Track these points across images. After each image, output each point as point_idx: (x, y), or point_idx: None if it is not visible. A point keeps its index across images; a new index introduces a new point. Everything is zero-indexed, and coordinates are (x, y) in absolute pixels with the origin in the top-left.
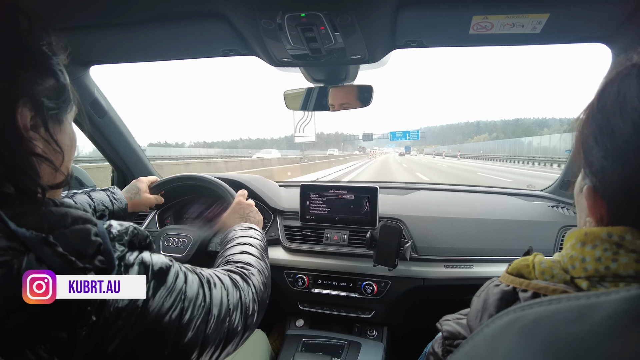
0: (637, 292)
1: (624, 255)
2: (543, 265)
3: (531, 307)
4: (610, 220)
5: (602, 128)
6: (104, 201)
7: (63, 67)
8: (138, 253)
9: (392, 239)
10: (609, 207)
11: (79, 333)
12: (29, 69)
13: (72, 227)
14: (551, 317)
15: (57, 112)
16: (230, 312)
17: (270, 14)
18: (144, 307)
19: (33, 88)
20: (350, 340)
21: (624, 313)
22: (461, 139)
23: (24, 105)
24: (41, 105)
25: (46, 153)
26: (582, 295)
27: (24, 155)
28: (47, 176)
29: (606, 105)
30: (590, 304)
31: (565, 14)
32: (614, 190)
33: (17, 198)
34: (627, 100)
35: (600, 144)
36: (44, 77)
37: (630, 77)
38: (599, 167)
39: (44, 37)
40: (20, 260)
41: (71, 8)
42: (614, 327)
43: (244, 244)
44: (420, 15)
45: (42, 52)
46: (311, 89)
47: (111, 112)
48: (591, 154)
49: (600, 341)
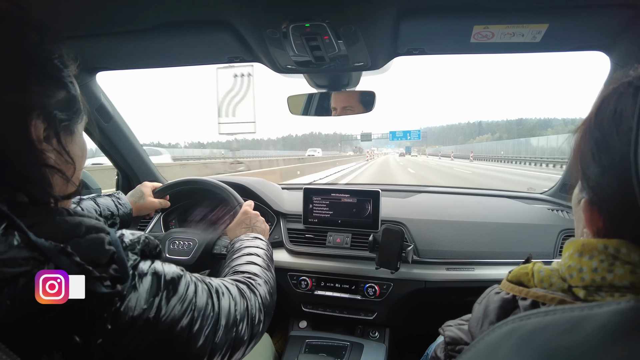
0: (628, 305)
1: (620, 266)
2: (542, 274)
3: (529, 317)
4: (607, 233)
5: (599, 145)
6: (109, 206)
7: (74, 79)
8: (151, 263)
9: (394, 242)
10: (605, 220)
11: (93, 341)
12: (40, 82)
13: (86, 236)
14: (547, 327)
15: (68, 124)
16: (237, 321)
17: (275, 24)
18: (156, 316)
19: (45, 101)
20: (353, 342)
21: (614, 325)
22: (462, 139)
23: (37, 118)
24: (54, 118)
25: (58, 164)
26: (576, 307)
27: (36, 167)
28: (59, 186)
29: (603, 123)
30: (584, 315)
31: (564, 24)
32: (609, 205)
33: (31, 208)
34: (622, 119)
35: (597, 161)
36: (56, 90)
37: (627, 96)
38: (596, 183)
39: (54, 49)
40: (41, 270)
41: (79, 16)
42: (604, 339)
43: (250, 254)
44: (422, 24)
45: (53, 65)
46: (313, 94)
47: (117, 117)
48: (588, 169)
49: (591, 352)
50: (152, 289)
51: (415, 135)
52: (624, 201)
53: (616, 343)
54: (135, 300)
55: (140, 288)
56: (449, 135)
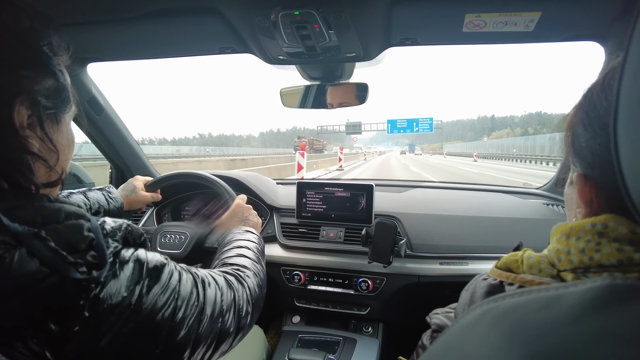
0: (603, 282)
1: (606, 244)
2: (531, 260)
3: (503, 298)
4: (600, 203)
5: (589, 114)
6: (99, 200)
7: (64, 68)
8: (134, 250)
9: (387, 236)
10: (598, 190)
11: (71, 327)
12: (28, 67)
13: (65, 222)
14: (521, 306)
15: (55, 112)
16: (223, 312)
17: (264, 12)
18: (137, 304)
19: (31, 86)
20: (346, 337)
21: (588, 301)
22: (472, 135)
23: (22, 104)
24: (38, 104)
25: (41, 152)
26: (552, 287)
27: (18, 153)
28: (42, 174)
29: (593, 95)
30: (559, 294)
31: (556, 12)
32: (602, 168)
33: (11, 193)
34: (611, 85)
35: (589, 128)
36: (43, 77)
37: (615, 69)
38: (587, 150)
39: (45, 36)
40: (12, 254)
41: (68, 4)
42: (577, 314)
43: (240, 247)
44: (413, 13)
45: (42, 52)
46: (309, 87)
47: (109, 110)
48: (579, 140)
49: (562, 327)
50: (133, 276)
51: (426, 125)
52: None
53: (590, 318)
54: (115, 287)
55: (121, 275)
56: (454, 131)
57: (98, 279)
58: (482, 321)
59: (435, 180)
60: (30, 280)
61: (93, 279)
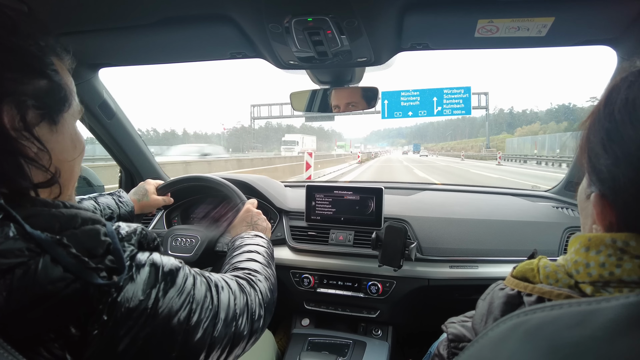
0: (636, 298)
1: (628, 260)
2: (547, 270)
3: (534, 312)
4: (619, 226)
5: (610, 135)
6: (110, 205)
7: (62, 67)
8: (149, 254)
9: (397, 240)
10: (618, 214)
11: (90, 331)
12: (13, 70)
13: (82, 227)
14: (553, 322)
15: (49, 112)
16: (237, 316)
17: (277, 18)
18: (154, 307)
19: (17, 88)
20: (356, 340)
21: (623, 319)
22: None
23: (8, 105)
24: (26, 106)
25: (33, 153)
26: (583, 301)
27: (9, 155)
28: (38, 175)
29: (614, 112)
30: (592, 309)
31: (570, 18)
32: (625, 197)
33: (27, 200)
34: (636, 107)
35: (610, 151)
36: (32, 78)
37: (638, 84)
38: (608, 175)
39: (32, 37)
40: (37, 261)
41: (81, 12)
42: (613, 332)
43: (250, 251)
44: (425, 19)
45: (29, 52)
46: (316, 90)
47: (119, 114)
48: (599, 161)
49: (600, 345)
50: (149, 280)
51: (457, 102)
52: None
53: (627, 335)
54: (132, 291)
55: (138, 279)
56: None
57: (118, 283)
58: (514, 335)
59: (444, 183)
60: (56, 287)
61: (113, 284)
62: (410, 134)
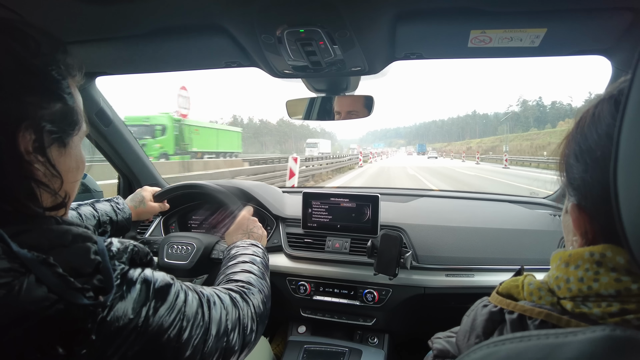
0: (602, 334)
1: (604, 274)
2: (531, 287)
3: (503, 343)
4: (594, 232)
5: (580, 146)
6: (107, 212)
7: (74, 89)
8: (141, 271)
9: (393, 248)
10: (591, 218)
11: (77, 351)
12: (33, 93)
13: (72, 245)
14: (520, 355)
15: (61, 136)
16: (228, 330)
17: (269, 29)
18: (144, 325)
19: (37, 112)
20: (352, 347)
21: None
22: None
23: (26, 129)
24: (43, 130)
25: (45, 177)
26: (551, 334)
27: (22, 178)
28: (47, 198)
29: (584, 127)
30: (559, 343)
31: (562, 29)
32: (595, 200)
33: (18, 216)
34: (601, 119)
35: (581, 160)
36: (50, 101)
37: (604, 102)
38: (581, 182)
39: (53, 59)
40: (21, 281)
41: (77, 22)
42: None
43: (245, 262)
44: (418, 30)
45: (50, 76)
46: (314, 98)
47: (116, 121)
48: (572, 171)
49: None
50: (140, 297)
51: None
52: (608, 195)
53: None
54: (122, 309)
55: (128, 297)
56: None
57: (105, 303)
58: None
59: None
60: (38, 307)
61: (100, 304)
62: (410, 134)
